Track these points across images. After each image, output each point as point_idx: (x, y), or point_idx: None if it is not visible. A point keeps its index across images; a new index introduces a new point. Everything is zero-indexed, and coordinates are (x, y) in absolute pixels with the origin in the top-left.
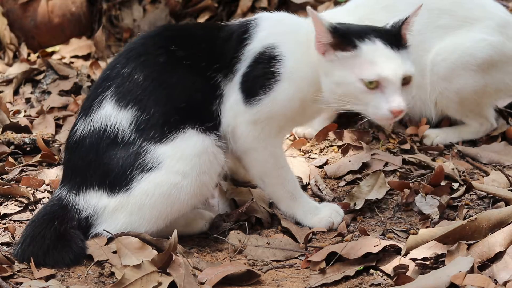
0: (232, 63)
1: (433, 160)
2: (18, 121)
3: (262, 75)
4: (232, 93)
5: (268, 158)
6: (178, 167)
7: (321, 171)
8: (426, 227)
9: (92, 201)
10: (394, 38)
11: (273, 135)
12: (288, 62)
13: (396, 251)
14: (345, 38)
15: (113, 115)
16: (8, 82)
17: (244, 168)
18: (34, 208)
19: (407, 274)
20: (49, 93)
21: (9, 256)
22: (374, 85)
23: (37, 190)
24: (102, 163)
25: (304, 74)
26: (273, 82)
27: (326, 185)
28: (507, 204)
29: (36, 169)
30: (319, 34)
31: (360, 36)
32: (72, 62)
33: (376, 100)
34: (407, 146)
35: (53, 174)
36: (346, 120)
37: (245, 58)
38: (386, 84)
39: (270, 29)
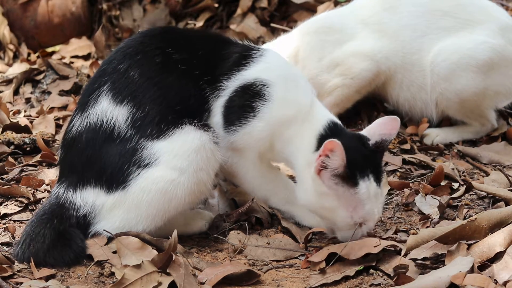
0: (220, 79)
1: (433, 160)
2: (18, 121)
3: (242, 106)
4: (216, 113)
5: (253, 180)
6: (175, 163)
7: None
8: (426, 227)
9: (89, 198)
10: (380, 169)
11: (254, 162)
12: (271, 106)
13: (396, 251)
14: (353, 174)
15: (109, 110)
16: (8, 82)
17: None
18: (34, 208)
19: (407, 274)
20: (49, 93)
21: (9, 256)
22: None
23: (37, 190)
24: (99, 160)
25: (279, 126)
26: (250, 117)
27: None
28: (507, 204)
29: (36, 169)
30: (333, 162)
31: (361, 172)
32: (72, 62)
33: (349, 231)
34: (407, 146)
35: (53, 174)
36: (345, 120)
37: (235, 79)
38: (366, 223)
39: (270, 65)
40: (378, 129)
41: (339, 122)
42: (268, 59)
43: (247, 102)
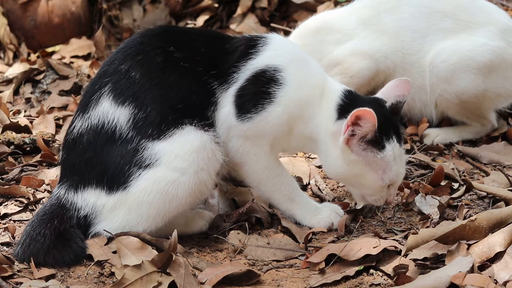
0: (229, 71)
1: (433, 160)
2: (18, 121)
3: (257, 93)
4: (225, 104)
5: (261, 171)
6: (176, 164)
7: (321, 171)
8: (426, 227)
9: (90, 199)
10: (399, 129)
11: (265, 151)
12: (288, 89)
13: (396, 251)
14: (380, 138)
15: (110, 112)
16: (8, 82)
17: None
18: (34, 208)
19: (407, 274)
20: (49, 93)
21: (9, 256)
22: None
23: (37, 190)
24: (100, 161)
25: (298, 108)
26: (267, 103)
27: (326, 185)
28: (507, 204)
29: (36, 169)
30: (365, 128)
31: (386, 135)
32: (72, 62)
33: (381, 193)
34: (407, 146)
35: (53, 174)
36: None
37: (245, 70)
38: (394, 184)
39: (279, 51)
40: (393, 91)
41: (352, 90)
42: (274, 45)
43: (262, 88)
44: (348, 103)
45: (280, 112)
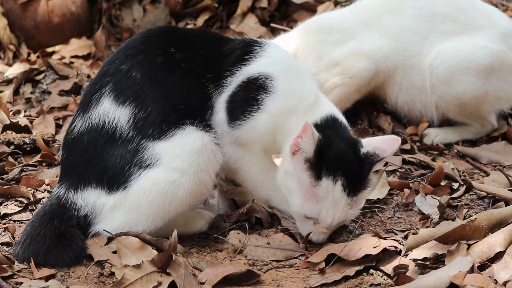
0: (224, 75)
1: (433, 160)
2: (18, 121)
3: (246, 100)
4: (219, 109)
5: (255, 176)
6: (177, 164)
7: None
8: (426, 227)
9: (90, 199)
10: (359, 179)
11: (258, 156)
12: (275, 97)
13: (396, 251)
14: (319, 167)
15: (111, 111)
16: (8, 82)
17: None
18: (34, 208)
19: (407, 274)
20: (49, 93)
21: (9, 256)
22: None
23: (37, 190)
24: (100, 160)
25: (282, 117)
26: (255, 110)
27: None
28: (507, 204)
29: (36, 169)
30: (304, 144)
31: (330, 170)
32: (72, 62)
33: (306, 224)
34: (407, 146)
35: (53, 174)
36: (346, 120)
37: (238, 75)
38: (320, 222)
39: (274, 59)
40: (376, 142)
41: (342, 120)
42: (270, 53)
43: (251, 95)
44: (324, 126)
45: (265, 120)
